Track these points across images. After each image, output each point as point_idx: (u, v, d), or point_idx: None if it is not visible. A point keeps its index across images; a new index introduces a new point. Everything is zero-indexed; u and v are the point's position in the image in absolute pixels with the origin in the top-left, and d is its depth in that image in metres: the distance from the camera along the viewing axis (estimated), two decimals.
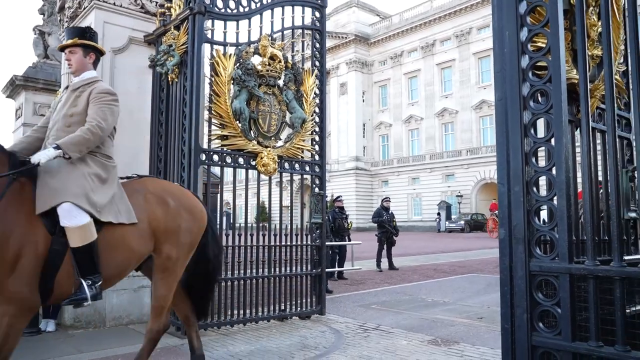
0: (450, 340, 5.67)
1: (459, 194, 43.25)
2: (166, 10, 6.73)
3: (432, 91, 47.16)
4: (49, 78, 11.07)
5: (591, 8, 3.34)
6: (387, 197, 15.40)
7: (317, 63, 7.28)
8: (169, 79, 6.48)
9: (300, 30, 7.48)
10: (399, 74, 50.18)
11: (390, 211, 14.39)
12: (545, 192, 3.07)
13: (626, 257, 3.03)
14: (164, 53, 6.38)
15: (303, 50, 7.39)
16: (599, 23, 3.21)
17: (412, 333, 6.00)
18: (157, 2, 7.14)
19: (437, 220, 42.48)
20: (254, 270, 6.45)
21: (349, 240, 12.54)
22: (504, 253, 3.15)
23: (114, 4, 6.91)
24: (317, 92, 7.21)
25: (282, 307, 6.67)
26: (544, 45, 3.04)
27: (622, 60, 3.72)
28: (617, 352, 2.65)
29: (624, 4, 3.47)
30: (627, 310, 2.82)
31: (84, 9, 7.10)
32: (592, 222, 2.97)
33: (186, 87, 6.12)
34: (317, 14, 7.33)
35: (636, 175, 3.52)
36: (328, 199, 11.39)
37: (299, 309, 6.80)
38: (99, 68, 6.86)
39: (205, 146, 6.18)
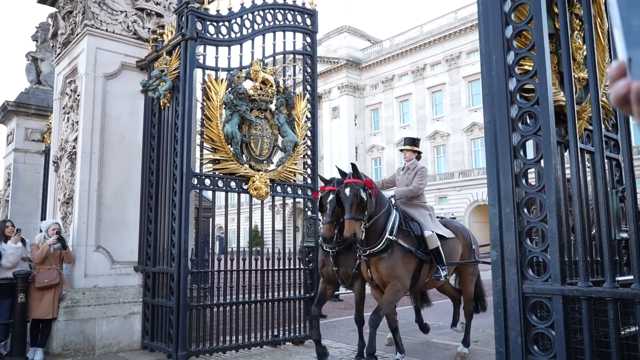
0: None
1: (453, 216, 43.22)
2: (158, 36, 6.79)
3: (424, 114, 47.52)
4: (41, 104, 11.08)
5: (576, 32, 3.40)
6: None
7: (308, 87, 7.34)
8: (161, 104, 6.50)
9: (291, 55, 7.56)
10: (391, 98, 50.59)
11: None
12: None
13: (619, 278, 3.02)
14: (156, 78, 6.41)
15: (295, 75, 7.46)
16: (585, 46, 3.26)
17: (407, 358, 5.91)
18: (149, 29, 7.21)
19: None
20: (247, 295, 6.38)
21: None
22: (496, 275, 3.13)
23: (107, 30, 6.97)
24: (309, 115, 7.25)
25: (275, 333, 6.57)
26: (530, 68, 3.08)
27: (608, 83, 3.77)
28: None
29: (608, 28, 3.55)
30: (622, 332, 2.79)
31: (77, 35, 7.15)
32: (583, 243, 2.97)
33: (178, 111, 6.14)
34: (308, 39, 7.42)
35: (626, 195, 3.54)
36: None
37: (292, 334, 6.70)
38: (90, 92, 6.90)
39: (197, 170, 6.16)
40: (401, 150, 6.34)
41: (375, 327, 5.01)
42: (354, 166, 5.24)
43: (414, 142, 6.27)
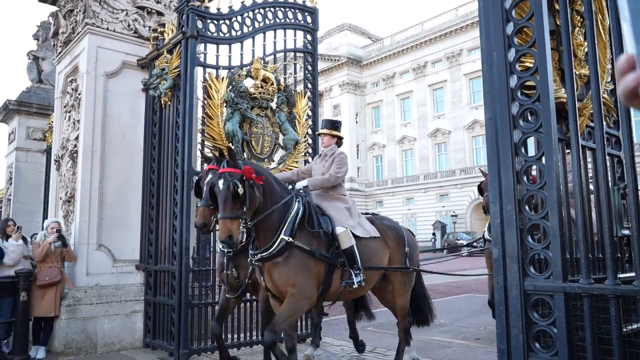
0: None
1: (454, 214, 43.23)
2: (159, 35, 6.78)
3: (425, 112, 47.49)
4: (43, 102, 11.08)
5: (577, 28, 3.39)
6: None
7: (309, 85, 7.33)
8: (162, 102, 6.50)
9: (292, 53, 7.56)
10: (392, 95, 50.55)
11: None
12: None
13: (621, 275, 3.02)
14: (157, 77, 6.41)
15: (295, 73, 7.45)
16: (586, 43, 3.26)
17: (408, 355, 5.90)
18: (150, 27, 7.21)
19: (433, 240, 42.34)
20: (248, 293, 6.37)
21: None
22: (498, 272, 3.12)
23: (107, 29, 6.97)
24: (310, 113, 7.24)
25: None
26: (531, 65, 3.07)
27: (609, 79, 3.76)
28: None
29: (610, 24, 3.53)
30: (624, 329, 2.79)
31: (78, 34, 7.15)
32: (585, 240, 2.96)
33: (179, 110, 6.14)
34: (309, 37, 7.41)
35: (628, 192, 3.53)
36: None
37: None
38: (92, 91, 6.90)
39: (198, 168, 6.16)
40: (318, 135, 5.53)
41: (271, 346, 4.21)
42: (229, 150, 4.18)
43: (333, 125, 5.37)
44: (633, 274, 2.86)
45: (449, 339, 6.91)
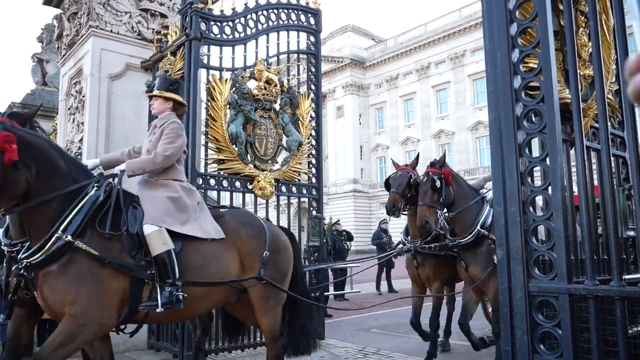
0: None
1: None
2: (163, 37, 6.80)
3: (428, 113, 47.44)
4: (47, 105, 11.10)
5: (581, 29, 3.38)
6: (384, 219, 15.33)
7: (312, 87, 7.33)
8: None
9: (295, 55, 7.56)
10: (395, 97, 50.52)
11: (388, 233, 14.36)
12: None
13: (626, 276, 3.01)
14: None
15: (299, 74, 7.45)
16: (590, 43, 3.24)
17: (412, 357, 5.90)
18: (153, 29, 7.23)
19: None
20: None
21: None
22: (502, 274, 3.12)
23: (111, 31, 6.99)
24: (313, 115, 7.24)
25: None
26: (535, 66, 3.07)
27: (614, 80, 3.75)
28: None
29: (614, 25, 3.52)
30: (629, 331, 2.78)
31: (82, 36, 7.18)
32: (590, 241, 2.95)
33: None
34: (312, 39, 7.41)
35: (633, 193, 3.51)
36: (326, 221, 11.49)
37: None
38: (96, 93, 6.93)
39: (202, 170, 6.17)
40: (150, 97, 4.25)
41: None
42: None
43: (167, 85, 4.12)
44: (638, 276, 2.85)
45: (452, 340, 6.88)
